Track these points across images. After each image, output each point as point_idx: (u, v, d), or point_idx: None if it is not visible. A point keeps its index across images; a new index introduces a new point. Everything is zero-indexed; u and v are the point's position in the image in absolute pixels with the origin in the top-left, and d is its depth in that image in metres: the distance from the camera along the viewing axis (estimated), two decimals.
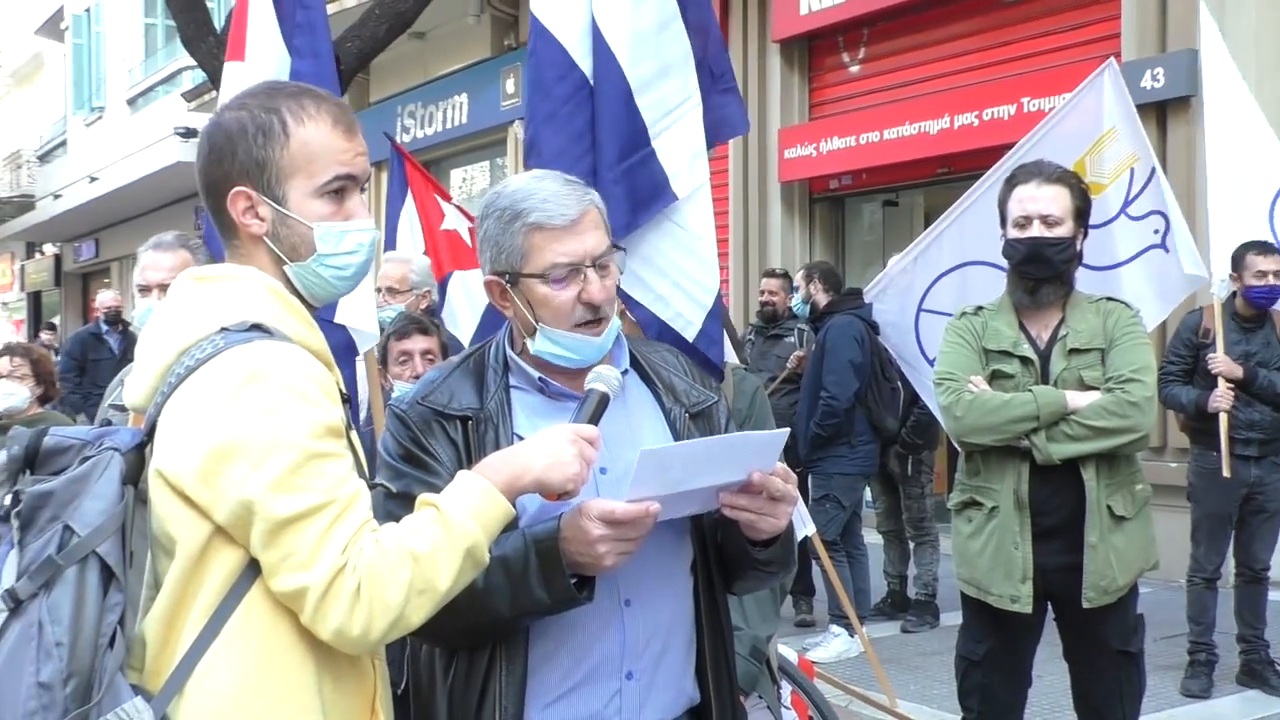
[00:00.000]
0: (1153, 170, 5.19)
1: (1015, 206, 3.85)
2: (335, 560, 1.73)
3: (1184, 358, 6.02)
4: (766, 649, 3.24)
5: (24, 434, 1.78)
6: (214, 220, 1.97)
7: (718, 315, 3.38)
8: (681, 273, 3.35)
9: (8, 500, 1.75)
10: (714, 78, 3.52)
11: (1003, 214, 3.93)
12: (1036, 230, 3.80)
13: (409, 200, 6.57)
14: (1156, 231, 5.22)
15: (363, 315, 4.34)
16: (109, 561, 1.70)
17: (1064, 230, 3.81)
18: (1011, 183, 3.91)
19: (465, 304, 5.99)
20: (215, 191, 1.93)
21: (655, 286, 3.31)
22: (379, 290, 5.41)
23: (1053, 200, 3.81)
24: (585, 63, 3.33)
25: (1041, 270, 3.83)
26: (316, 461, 1.75)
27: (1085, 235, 3.91)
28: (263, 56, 4.17)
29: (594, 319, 2.18)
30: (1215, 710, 5.88)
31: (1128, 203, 5.23)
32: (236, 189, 1.91)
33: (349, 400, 1.95)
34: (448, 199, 6.68)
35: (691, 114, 3.38)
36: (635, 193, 3.28)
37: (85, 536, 1.69)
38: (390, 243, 6.57)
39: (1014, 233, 3.86)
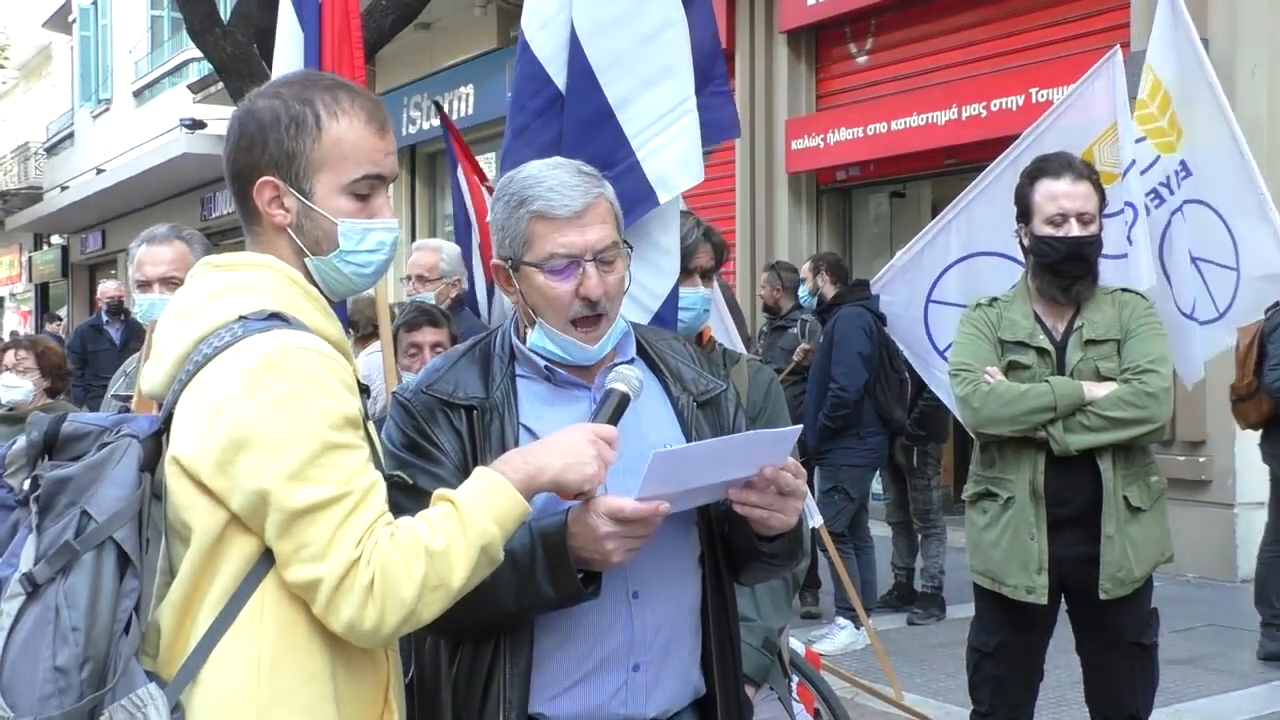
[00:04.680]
0: (1133, 162, 5.14)
1: (1048, 203, 3.79)
2: (349, 553, 1.73)
3: None
4: (778, 640, 3.24)
5: (43, 419, 1.78)
6: (238, 206, 1.96)
7: (664, 320, 3.32)
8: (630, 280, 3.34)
9: (26, 485, 1.75)
10: (705, 79, 3.50)
11: (1025, 207, 3.86)
12: (1075, 229, 3.76)
13: (464, 186, 6.30)
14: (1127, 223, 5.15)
15: None
16: (125, 548, 1.71)
17: (1095, 227, 3.80)
18: (1036, 175, 3.85)
19: None
20: (242, 178, 1.93)
21: None
22: (407, 278, 5.35)
23: (1087, 197, 3.78)
24: (559, 78, 3.34)
25: (1081, 269, 3.80)
26: (333, 452, 1.75)
27: (1101, 228, 3.89)
28: (286, 65, 4.21)
29: (592, 314, 2.15)
30: (1225, 705, 5.86)
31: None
32: (264, 178, 1.90)
33: (366, 391, 1.94)
34: (485, 181, 6.52)
35: (686, 118, 3.34)
36: None
37: (103, 522, 1.70)
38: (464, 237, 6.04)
39: (1047, 230, 3.79)
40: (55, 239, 31.06)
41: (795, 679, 3.63)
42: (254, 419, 1.73)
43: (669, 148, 3.32)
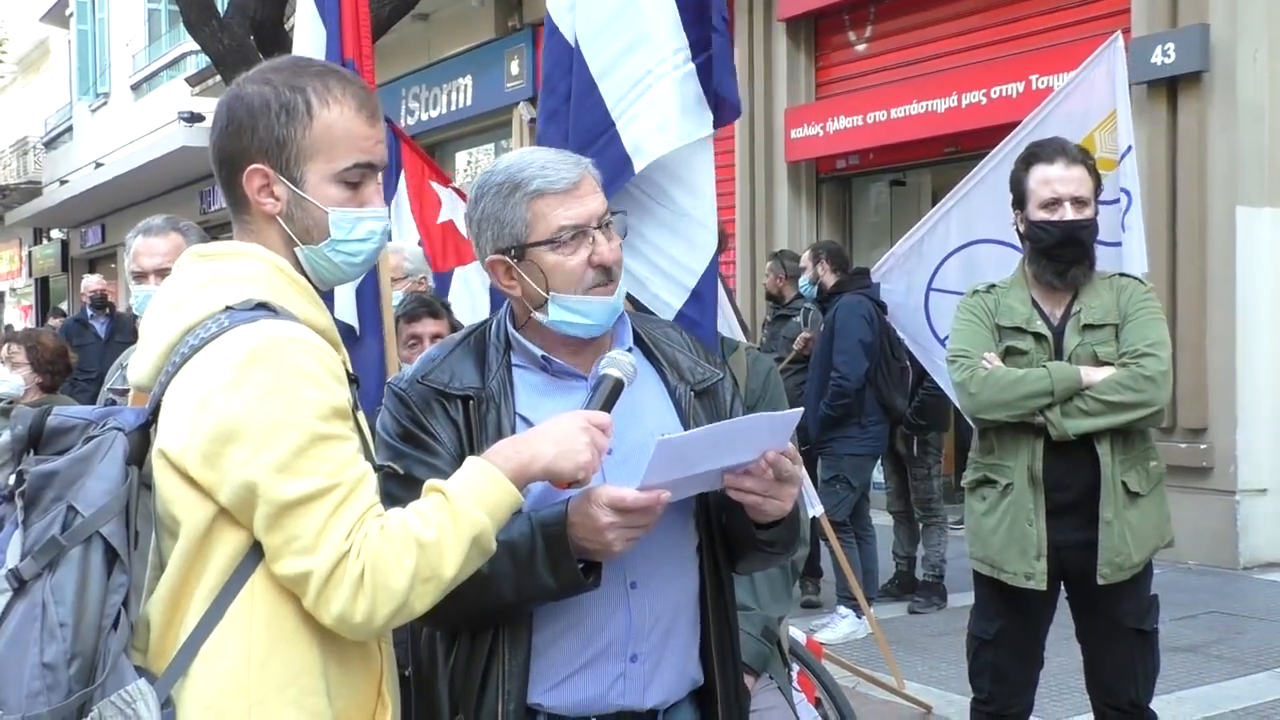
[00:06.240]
0: (1129, 148, 5.12)
1: (1042, 188, 3.78)
2: (339, 545, 1.72)
3: None
4: (778, 629, 3.23)
5: (28, 413, 1.77)
6: (225, 194, 1.94)
7: (702, 297, 3.29)
8: (660, 254, 3.28)
9: (12, 480, 1.74)
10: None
11: (1020, 193, 3.86)
12: (1069, 213, 3.75)
13: (402, 191, 6.32)
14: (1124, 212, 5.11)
15: (345, 307, 4.27)
16: (113, 542, 1.69)
17: (1090, 211, 3.79)
18: (1030, 161, 3.84)
19: (467, 300, 5.89)
20: (230, 165, 1.90)
21: (632, 269, 3.24)
22: None
23: (1081, 181, 3.77)
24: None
25: (1076, 253, 3.79)
26: (322, 444, 1.73)
27: (1096, 213, 3.88)
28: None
29: (606, 281, 2.15)
30: (1226, 692, 5.85)
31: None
32: (253, 166, 1.88)
33: (356, 381, 1.92)
34: (447, 183, 6.56)
35: (660, 84, 3.26)
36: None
37: (89, 517, 1.68)
38: None
39: (1041, 214, 3.78)
40: (55, 233, 31.07)
41: (796, 668, 3.62)
42: (241, 411, 1.71)
43: (644, 115, 3.25)
